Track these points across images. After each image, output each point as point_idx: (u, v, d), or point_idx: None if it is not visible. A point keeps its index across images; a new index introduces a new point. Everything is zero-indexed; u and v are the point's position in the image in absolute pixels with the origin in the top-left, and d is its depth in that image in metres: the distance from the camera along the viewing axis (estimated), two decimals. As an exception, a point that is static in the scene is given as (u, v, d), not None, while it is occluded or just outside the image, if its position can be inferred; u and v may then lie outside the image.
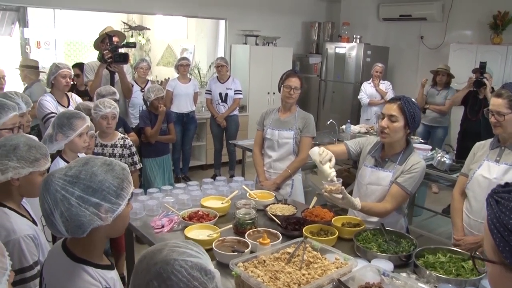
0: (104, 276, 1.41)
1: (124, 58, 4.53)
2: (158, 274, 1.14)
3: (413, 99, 2.60)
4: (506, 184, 0.91)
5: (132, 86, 5.28)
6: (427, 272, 2.04)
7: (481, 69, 5.08)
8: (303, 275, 1.86)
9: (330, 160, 2.46)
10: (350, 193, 2.60)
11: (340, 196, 2.37)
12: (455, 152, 4.72)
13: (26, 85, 5.29)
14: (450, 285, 1.91)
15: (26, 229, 1.82)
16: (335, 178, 2.40)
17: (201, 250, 1.24)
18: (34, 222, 1.97)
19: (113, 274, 1.47)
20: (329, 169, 2.43)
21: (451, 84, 6.14)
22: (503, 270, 0.86)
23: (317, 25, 8.41)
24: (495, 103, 2.46)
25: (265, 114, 3.65)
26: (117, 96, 4.02)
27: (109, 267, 1.47)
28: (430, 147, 4.72)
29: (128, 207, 1.45)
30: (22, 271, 1.77)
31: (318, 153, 2.48)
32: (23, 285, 1.77)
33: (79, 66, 5.46)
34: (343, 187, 2.38)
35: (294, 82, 3.42)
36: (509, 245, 0.83)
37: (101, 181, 1.33)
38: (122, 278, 3.40)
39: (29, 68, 5.23)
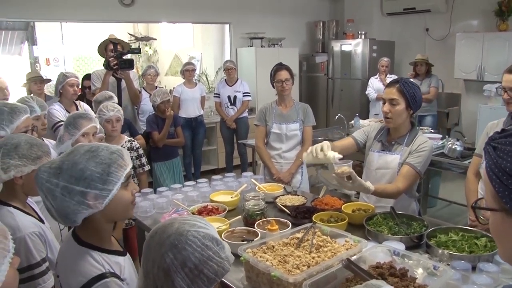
0: (108, 260, 1.41)
1: (130, 64, 4.58)
2: (173, 246, 1.16)
3: (411, 79, 2.59)
4: (503, 130, 0.90)
5: (140, 92, 5.32)
6: (440, 251, 2.01)
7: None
8: (313, 258, 1.84)
9: (321, 149, 2.38)
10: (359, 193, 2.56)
11: (349, 180, 2.30)
12: (465, 138, 4.66)
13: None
14: (463, 261, 1.88)
15: (32, 227, 1.83)
16: (337, 160, 2.34)
17: (208, 223, 1.27)
18: (41, 220, 1.98)
19: (119, 260, 1.47)
20: (327, 154, 2.35)
21: (431, 72, 6.36)
22: (504, 216, 0.85)
23: (321, 24, 8.42)
24: (508, 79, 2.42)
25: (265, 110, 3.72)
26: (115, 100, 3.98)
27: (117, 253, 1.48)
28: (440, 135, 4.69)
29: (127, 190, 1.43)
30: (30, 268, 1.77)
31: (306, 154, 2.43)
32: (32, 281, 1.77)
33: (89, 78, 5.51)
34: (352, 170, 2.29)
35: (284, 74, 3.57)
36: (508, 189, 0.82)
37: (82, 169, 1.32)
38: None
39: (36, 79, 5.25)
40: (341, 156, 2.38)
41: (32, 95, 4.27)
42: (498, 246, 0.92)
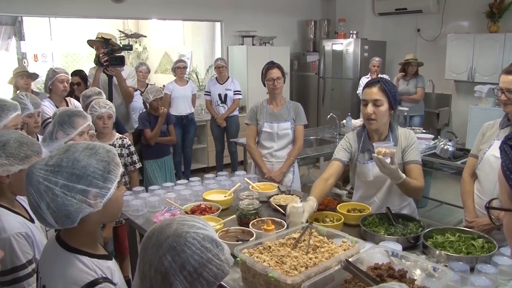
0: (100, 266, 1.36)
1: (121, 61, 4.50)
2: (171, 248, 1.12)
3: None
4: None
5: (136, 90, 5.22)
6: (437, 252, 1.99)
7: None
8: (310, 259, 1.81)
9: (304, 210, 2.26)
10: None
11: (388, 161, 2.24)
12: (457, 139, 4.67)
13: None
14: (461, 263, 1.86)
15: (18, 227, 1.75)
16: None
17: (207, 223, 1.24)
18: (31, 219, 1.91)
19: (110, 264, 1.42)
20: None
21: (418, 72, 6.47)
22: None
23: (313, 23, 8.40)
24: (506, 80, 2.39)
25: (256, 109, 3.69)
26: (104, 96, 3.88)
27: (105, 257, 1.42)
28: (432, 136, 4.69)
29: (120, 190, 1.40)
30: (14, 270, 1.71)
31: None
32: (16, 284, 1.71)
33: (78, 74, 5.43)
34: (394, 150, 2.28)
35: (275, 73, 3.55)
36: None
37: (84, 166, 1.27)
38: (128, 281, 3.34)
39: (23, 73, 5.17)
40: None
41: (19, 91, 4.20)
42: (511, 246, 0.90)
